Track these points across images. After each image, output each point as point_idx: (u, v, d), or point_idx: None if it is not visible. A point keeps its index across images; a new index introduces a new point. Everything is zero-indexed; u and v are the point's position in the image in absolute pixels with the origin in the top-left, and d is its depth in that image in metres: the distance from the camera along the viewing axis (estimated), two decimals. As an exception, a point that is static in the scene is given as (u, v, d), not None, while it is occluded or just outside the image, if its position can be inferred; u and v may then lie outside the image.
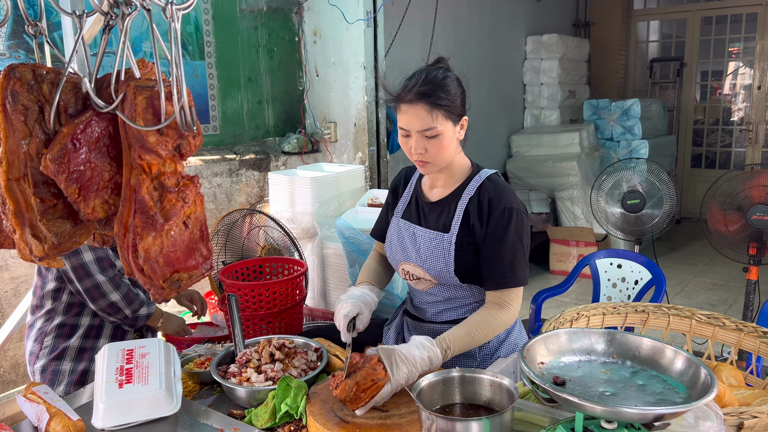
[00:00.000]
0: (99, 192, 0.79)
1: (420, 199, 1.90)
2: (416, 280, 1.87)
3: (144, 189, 0.76)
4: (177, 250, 0.78)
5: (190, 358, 1.89)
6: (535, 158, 6.58)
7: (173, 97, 0.70)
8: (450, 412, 1.39)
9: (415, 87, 1.69)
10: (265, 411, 1.56)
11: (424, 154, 1.72)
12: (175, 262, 0.78)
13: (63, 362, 2.09)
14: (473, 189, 1.79)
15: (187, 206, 0.79)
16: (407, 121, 1.70)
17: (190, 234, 0.80)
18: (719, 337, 1.98)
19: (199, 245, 0.81)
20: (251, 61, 4.18)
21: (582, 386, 1.11)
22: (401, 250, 1.88)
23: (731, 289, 5.64)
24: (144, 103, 0.74)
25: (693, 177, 8.20)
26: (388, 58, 4.64)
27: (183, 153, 0.79)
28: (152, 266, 0.76)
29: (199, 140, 0.80)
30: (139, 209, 0.76)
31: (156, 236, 0.76)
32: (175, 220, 0.78)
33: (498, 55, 6.54)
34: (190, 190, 0.79)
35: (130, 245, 0.76)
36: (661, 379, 1.12)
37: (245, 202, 4.07)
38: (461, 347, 1.67)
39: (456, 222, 1.78)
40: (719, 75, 8.38)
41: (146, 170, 0.77)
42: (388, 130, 4.62)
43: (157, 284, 0.78)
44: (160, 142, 0.75)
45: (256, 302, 2.02)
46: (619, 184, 3.79)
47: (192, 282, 0.82)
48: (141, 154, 0.76)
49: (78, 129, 0.76)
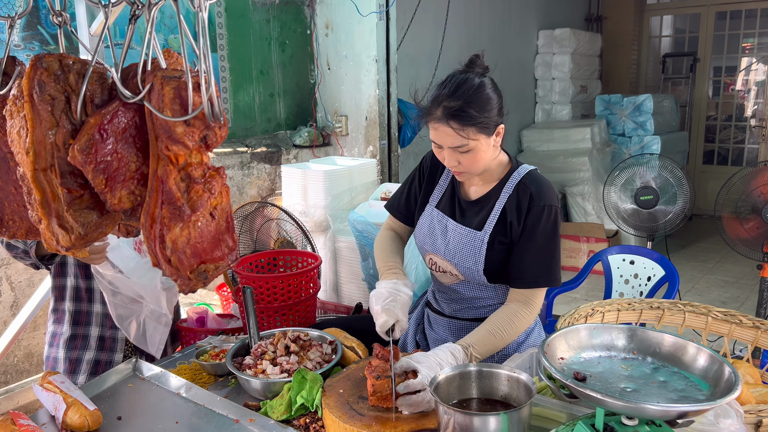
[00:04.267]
0: (125, 183, 0.79)
1: (457, 193, 1.84)
2: (442, 273, 1.85)
3: (171, 180, 0.76)
4: (204, 241, 0.78)
5: (205, 350, 1.90)
6: (546, 153, 6.54)
7: (201, 87, 0.70)
8: (467, 407, 1.39)
9: (445, 102, 1.61)
10: (281, 403, 1.57)
11: (458, 166, 1.68)
12: (202, 253, 0.78)
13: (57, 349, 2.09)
14: (512, 187, 1.74)
15: (214, 197, 0.79)
16: (438, 137, 1.65)
17: (216, 225, 0.80)
18: (735, 334, 1.97)
19: (225, 236, 0.81)
20: (263, 54, 4.18)
21: (603, 382, 1.11)
22: (431, 240, 1.84)
23: (743, 286, 5.60)
24: (171, 93, 0.74)
25: (705, 173, 8.14)
26: (400, 51, 4.62)
27: (209, 144, 0.78)
28: (179, 257, 0.76)
29: (225, 131, 0.79)
30: (167, 200, 0.76)
31: (183, 227, 0.76)
32: (202, 211, 0.78)
33: (509, 49, 6.50)
34: (216, 181, 0.79)
35: (157, 236, 0.76)
36: (682, 376, 1.12)
37: (256, 195, 4.08)
38: (485, 349, 1.63)
39: (492, 220, 1.73)
40: (732, 71, 8.30)
41: (173, 161, 0.76)
42: (400, 124, 4.60)
43: (185, 275, 0.77)
44: (187, 133, 0.75)
45: (270, 294, 2.03)
46: (633, 180, 3.77)
47: (218, 273, 0.82)
48: (168, 145, 0.75)
49: (105, 119, 0.76)
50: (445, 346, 1.57)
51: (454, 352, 1.55)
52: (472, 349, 1.60)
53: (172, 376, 1.74)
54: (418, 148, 5.46)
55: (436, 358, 1.51)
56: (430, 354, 1.52)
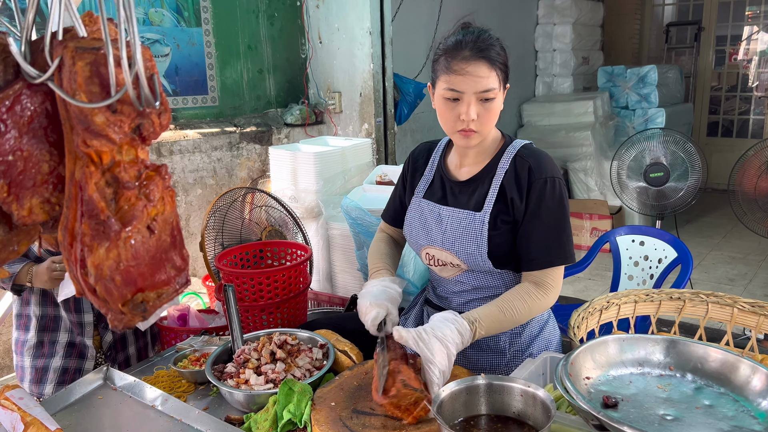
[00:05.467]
0: (36, 189, 0.60)
1: (446, 177, 1.69)
2: (441, 266, 1.67)
3: (92, 185, 0.57)
4: (140, 263, 0.60)
5: (184, 354, 1.73)
6: (547, 128, 6.34)
7: (123, 61, 0.51)
8: (475, 425, 1.22)
9: (472, 43, 1.50)
10: (266, 418, 1.40)
11: (475, 121, 1.50)
12: (138, 279, 0.60)
13: (22, 357, 1.92)
14: (508, 161, 1.59)
15: (152, 205, 0.60)
16: (462, 81, 1.48)
17: (157, 241, 0.61)
18: (764, 327, 1.81)
19: (170, 254, 0.63)
20: (251, 27, 3.97)
21: (638, 408, 0.93)
22: (424, 233, 1.67)
23: (750, 262, 5.45)
24: (86, 70, 0.55)
25: (709, 146, 7.94)
26: (395, 23, 4.39)
27: (145, 136, 0.60)
28: (107, 286, 0.58)
29: (167, 118, 0.61)
30: (87, 212, 0.57)
31: (110, 247, 0.58)
32: (136, 224, 0.59)
33: (509, 20, 6.26)
34: (155, 183, 0.60)
35: (78, 259, 0.58)
36: (732, 399, 0.94)
37: (246, 178, 3.89)
38: (492, 324, 1.47)
39: (490, 198, 1.57)
40: (737, 40, 8.06)
41: (94, 160, 0.57)
42: (396, 100, 4.40)
43: (115, 308, 0.59)
44: (111, 122, 0.56)
45: (255, 291, 1.85)
46: (642, 156, 3.58)
47: (162, 302, 0.64)
48: (86, 140, 0.57)
49: (2, 107, 0.57)
50: (449, 321, 1.41)
51: (460, 329, 1.40)
52: (478, 325, 1.44)
53: (146, 386, 1.57)
54: (416, 125, 5.26)
55: (444, 341, 1.36)
56: (436, 333, 1.37)
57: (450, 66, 1.50)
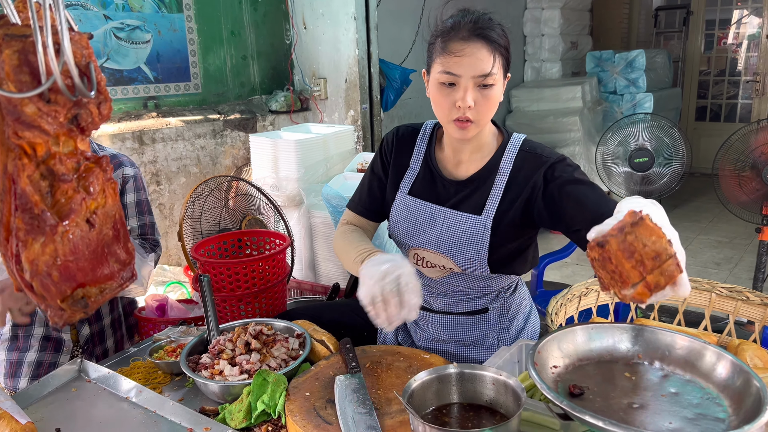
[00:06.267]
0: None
1: (439, 174, 1.55)
2: (430, 267, 1.57)
3: (24, 178, 0.55)
4: (79, 258, 0.58)
5: (161, 345, 1.71)
6: (536, 113, 6.33)
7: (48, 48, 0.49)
8: (447, 413, 1.21)
9: (472, 23, 1.37)
10: (240, 409, 1.39)
11: (472, 109, 1.37)
12: (77, 274, 0.58)
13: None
14: (511, 159, 1.47)
15: (92, 198, 0.58)
16: (458, 63, 1.35)
17: (98, 235, 0.59)
18: (742, 312, 1.82)
19: (113, 248, 0.61)
20: (234, 13, 3.92)
21: (604, 397, 0.93)
22: (415, 233, 1.55)
23: (736, 246, 5.48)
24: (14, 59, 0.53)
25: (697, 131, 7.95)
26: (381, 8, 4.35)
27: (84, 127, 0.58)
28: (43, 282, 0.56)
29: (107, 108, 0.59)
30: (21, 206, 0.56)
31: (46, 242, 0.56)
32: (74, 218, 0.57)
33: (497, 5, 6.21)
34: (95, 176, 0.58)
35: (14, 254, 0.56)
36: (697, 386, 0.94)
37: (231, 165, 3.86)
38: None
39: (493, 200, 1.46)
40: (726, 24, 8.04)
41: (28, 152, 0.56)
42: (382, 87, 4.37)
43: (54, 304, 0.58)
44: (43, 113, 0.54)
45: (233, 281, 1.83)
46: (626, 141, 3.57)
47: (106, 297, 0.62)
48: (18, 131, 0.55)
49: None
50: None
51: None
52: None
53: (121, 378, 1.55)
54: (402, 111, 5.23)
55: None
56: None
57: (446, 47, 1.37)
